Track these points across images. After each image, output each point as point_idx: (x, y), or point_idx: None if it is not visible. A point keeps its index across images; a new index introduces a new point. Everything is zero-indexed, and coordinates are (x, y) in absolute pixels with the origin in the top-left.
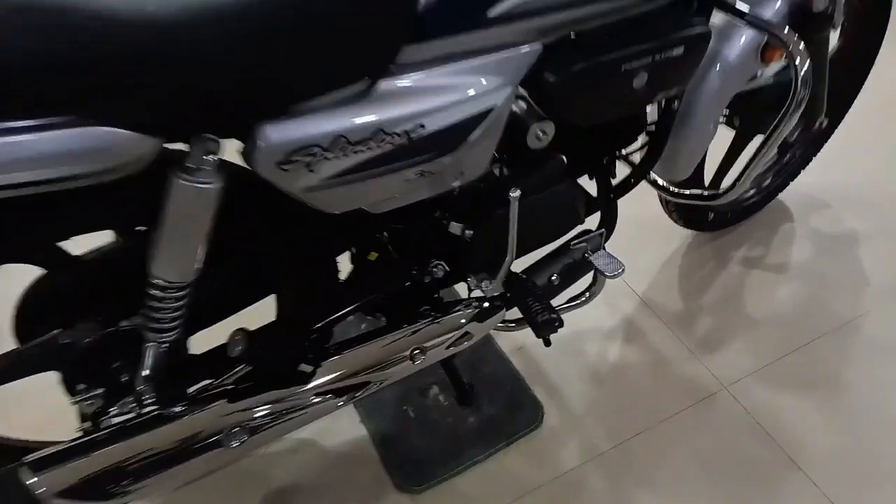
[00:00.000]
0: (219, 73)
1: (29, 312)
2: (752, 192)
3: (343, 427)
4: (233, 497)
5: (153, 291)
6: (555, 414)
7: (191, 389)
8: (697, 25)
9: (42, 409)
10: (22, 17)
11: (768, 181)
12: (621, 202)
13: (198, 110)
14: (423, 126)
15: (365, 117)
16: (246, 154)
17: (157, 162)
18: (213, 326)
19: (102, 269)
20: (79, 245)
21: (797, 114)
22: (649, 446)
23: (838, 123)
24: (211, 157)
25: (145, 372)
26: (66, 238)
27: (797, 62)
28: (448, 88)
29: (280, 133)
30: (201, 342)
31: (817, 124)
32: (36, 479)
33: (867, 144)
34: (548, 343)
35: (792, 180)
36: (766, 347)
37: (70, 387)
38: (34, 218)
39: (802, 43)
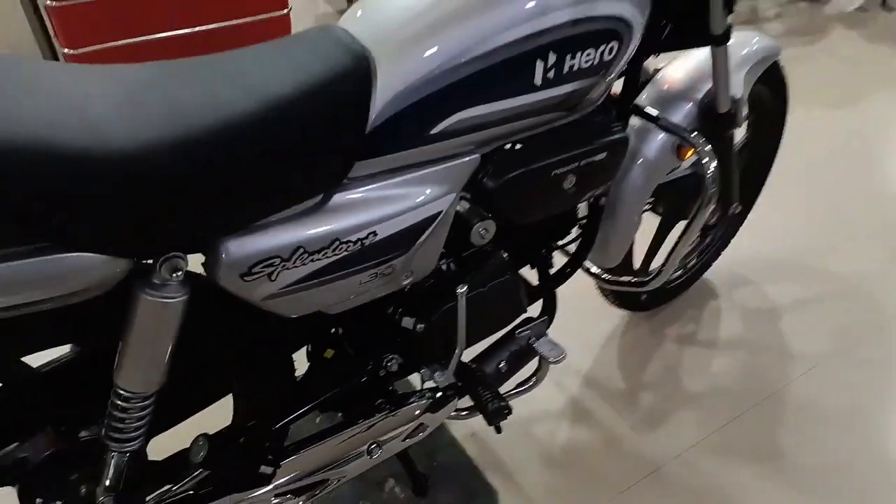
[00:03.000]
0: (186, 199)
1: None
2: (678, 273)
3: None
4: None
5: (118, 402)
6: (511, 499)
7: (149, 497)
8: (617, 132)
9: None
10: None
11: (693, 262)
12: (561, 289)
13: (166, 232)
14: (375, 233)
15: (321, 228)
16: (208, 267)
17: (123, 279)
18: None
19: (61, 381)
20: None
21: (710, 205)
22: None
23: (752, 206)
24: (177, 274)
25: (106, 482)
26: (26, 354)
27: (704, 162)
28: (397, 198)
29: (242, 247)
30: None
31: (732, 210)
32: None
33: (781, 220)
34: (499, 430)
35: (715, 260)
36: (705, 419)
37: (27, 500)
38: None
39: (709, 145)
